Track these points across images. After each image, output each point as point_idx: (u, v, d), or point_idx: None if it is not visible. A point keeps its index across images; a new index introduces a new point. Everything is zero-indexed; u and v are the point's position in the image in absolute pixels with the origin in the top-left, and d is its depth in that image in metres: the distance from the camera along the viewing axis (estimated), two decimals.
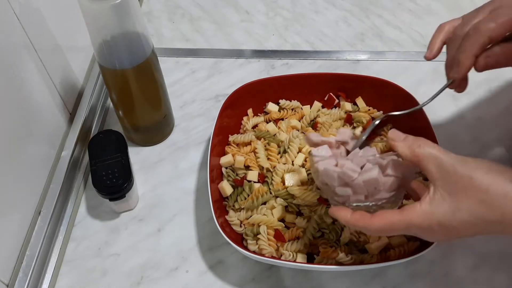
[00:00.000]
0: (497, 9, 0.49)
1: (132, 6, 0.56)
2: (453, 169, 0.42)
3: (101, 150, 0.63)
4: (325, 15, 0.91)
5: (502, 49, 0.49)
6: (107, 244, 0.63)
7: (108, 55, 0.59)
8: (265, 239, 0.57)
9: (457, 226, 0.41)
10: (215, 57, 0.84)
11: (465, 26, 0.50)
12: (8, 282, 0.56)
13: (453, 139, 0.71)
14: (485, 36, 0.48)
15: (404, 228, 0.44)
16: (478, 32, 0.48)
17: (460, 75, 0.50)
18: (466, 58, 0.49)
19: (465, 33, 0.49)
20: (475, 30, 0.48)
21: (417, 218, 0.42)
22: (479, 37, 0.48)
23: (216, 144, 0.65)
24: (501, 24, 0.47)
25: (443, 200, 0.42)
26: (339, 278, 0.59)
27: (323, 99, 0.72)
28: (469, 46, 0.48)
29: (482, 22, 0.48)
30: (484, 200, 0.40)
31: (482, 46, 0.48)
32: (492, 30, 0.47)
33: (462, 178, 0.41)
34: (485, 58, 0.49)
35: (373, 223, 0.44)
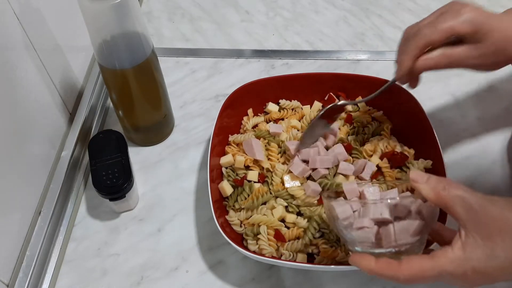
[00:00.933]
0: (442, 15, 0.51)
1: (132, 6, 0.56)
2: (483, 210, 0.40)
3: (101, 150, 0.63)
4: (325, 15, 0.91)
5: (441, 52, 0.51)
6: (107, 244, 0.63)
7: (108, 55, 0.59)
8: (265, 239, 0.57)
9: (493, 272, 0.39)
10: (215, 57, 0.84)
11: (412, 26, 0.53)
12: (8, 282, 0.56)
13: (453, 139, 0.71)
14: (424, 39, 0.51)
15: (435, 276, 0.41)
16: (418, 35, 0.51)
17: (399, 75, 0.54)
18: (406, 59, 0.52)
19: (408, 34, 0.53)
20: (416, 33, 0.51)
21: (450, 265, 0.40)
22: (418, 40, 0.51)
23: (216, 144, 0.65)
24: (440, 30, 0.50)
25: (476, 245, 0.39)
26: (339, 278, 0.59)
27: (323, 99, 0.72)
28: (408, 48, 0.52)
29: (424, 26, 0.51)
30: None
31: (421, 49, 0.51)
32: (430, 35, 0.50)
33: (495, 219, 0.39)
34: (424, 60, 0.52)
35: (402, 271, 0.41)
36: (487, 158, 0.69)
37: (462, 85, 0.78)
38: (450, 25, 0.50)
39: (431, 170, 0.62)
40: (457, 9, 0.51)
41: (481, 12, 0.51)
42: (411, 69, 0.53)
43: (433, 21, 0.51)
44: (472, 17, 0.50)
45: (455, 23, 0.50)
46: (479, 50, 0.51)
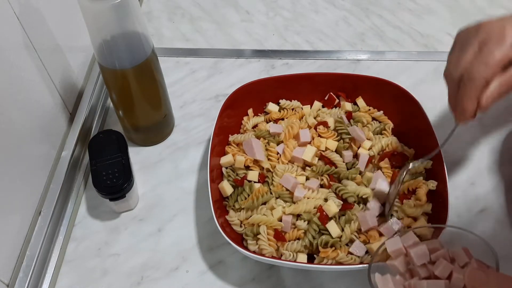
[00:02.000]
0: (485, 45, 0.48)
1: (132, 6, 0.56)
2: None
3: (101, 150, 0.63)
4: (325, 15, 0.91)
5: (498, 83, 0.48)
6: (107, 244, 0.63)
7: (108, 55, 0.59)
8: (265, 239, 0.57)
9: None
10: (215, 57, 0.84)
11: (458, 65, 0.50)
12: (8, 282, 0.56)
13: (453, 139, 0.71)
14: (481, 81, 0.48)
15: None
16: (473, 78, 0.48)
17: (468, 119, 0.51)
18: (470, 104, 0.49)
19: (460, 75, 0.49)
20: (470, 75, 0.48)
21: None
22: (475, 83, 0.48)
23: (216, 144, 0.65)
24: (492, 66, 0.47)
25: None
26: (339, 278, 0.59)
27: (323, 99, 0.72)
28: (468, 92, 0.49)
29: (474, 66, 0.48)
30: None
31: (481, 89, 0.48)
32: (486, 74, 0.48)
33: None
34: (487, 99, 0.49)
35: None
36: (487, 158, 0.69)
37: None
38: (502, 56, 0.47)
39: (432, 171, 0.62)
40: (498, 33, 0.48)
41: None
42: (475, 111, 0.50)
43: (480, 55, 0.48)
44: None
45: (506, 52, 0.47)
46: None
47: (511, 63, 0.48)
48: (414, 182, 0.61)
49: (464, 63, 0.49)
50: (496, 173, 0.68)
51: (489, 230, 0.50)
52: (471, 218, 0.63)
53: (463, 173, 0.67)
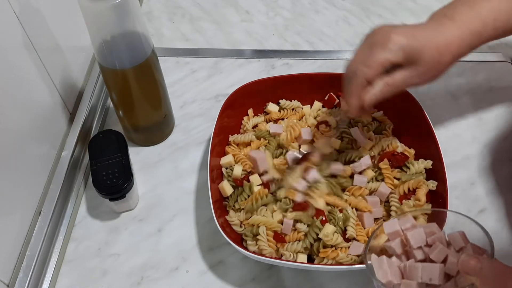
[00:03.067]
0: (371, 48, 0.52)
1: (132, 6, 0.56)
2: None
3: (101, 150, 0.63)
4: (325, 15, 0.91)
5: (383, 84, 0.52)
6: (107, 244, 0.63)
7: (108, 55, 0.59)
8: (265, 240, 0.57)
9: None
10: (215, 57, 0.84)
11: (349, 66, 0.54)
12: (9, 282, 0.56)
13: (453, 139, 0.71)
14: (362, 79, 0.52)
15: None
16: (355, 76, 0.53)
17: (354, 115, 0.57)
18: (353, 100, 0.54)
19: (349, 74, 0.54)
20: (353, 74, 0.53)
21: None
22: (357, 81, 0.52)
23: (216, 144, 0.65)
24: (373, 68, 0.51)
25: None
26: (339, 278, 0.59)
27: (323, 99, 0.72)
28: (351, 89, 0.53)
29: (359, 65, 0.52)
30: None
31: (362, 87, 0.53)
32: (366, 74, 0.52)
33: None
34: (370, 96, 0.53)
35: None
36: (487, 158, 0.69)
37: (462, 85, 0.78)
38: (384, 58, 0.51)
39: (432, 171, 0.62)
40: (386, 38, 0.51)
41: (408, 34, 0.52)
42: (361, 106, 0.54)
43: (366, 56, 0.52)
44: (402, 44, 0.51)
45: (388, 55, 0.51)
46: (417, 71, 0.52)
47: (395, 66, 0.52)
48: (414, 182, 0.61)
49: (353, 63, 0.54)
50: (496, 173, 0.67)
51: (489, 230, 0.50)
52: None
53: (463, 173, 0.67)
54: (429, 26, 0.54)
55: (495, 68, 0.80)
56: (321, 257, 0.56)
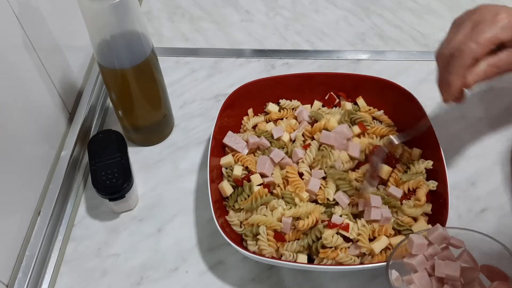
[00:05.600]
0: (477, 25, 0.50)
1: (132, 6, 0.56)
2: None
3: (100, 150, 0.63)
4: (326, 14, 0.91)
5: (487, 64, 0.50)
6: (107, 244, 0.63)
7: (107, 54, 0.59)
8: (265, 240, 0.57)
9: None
10: (215, 56, 0.84)
11: (449, 44, 0.51)
12: (8, 282, 0.56)
13: (453, 139, 0.71)
14: (469, 57, 0.49)
15: None
16: (462, 54, 0.49)
17: (453, 96, 0.52)
18: (456, 80, 0.50)
19: (450, 53, 0.50)
20: (459, 52, 0.50)
21: None
22: (464, 59, 0.49)
23: (216, 144, 0.65)
24: (482, 44, 0.49)
25: None
26: (339, 278, 0.59)
27: (323, 99, 0.72)
28: (456, 68, 0.50)
29: (464, 43, 0.50)
30: None
31: (468, 66, 0.50)
32: (475, 51, 0.49)
33: None
34: (474, 76, 0.50)
35: None
36: (488, 158, 0.69)
37: None
38: (493, 35, 0.49)
39: (432, 171, 0.62)
40: (492, 15, 0.50)
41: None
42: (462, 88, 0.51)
43: (471, 34, 0.50)
44: (509, 22, 0.49)
45: (497, 32, 0.49)
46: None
47: (500, 47, 0.50)
48: (414, 182, 0.61)
49: (456, 41, 0.51)
50: (497, 173, 0.67)
51: (490, 230, 0.50)
52: (472, 219, 0.63)
53: (463, 173, 0.67)
54: None
55: None
56: (321, 257, 0.56)
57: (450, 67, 0.50)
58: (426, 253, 0.51)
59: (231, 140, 0.66)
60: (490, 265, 0.48)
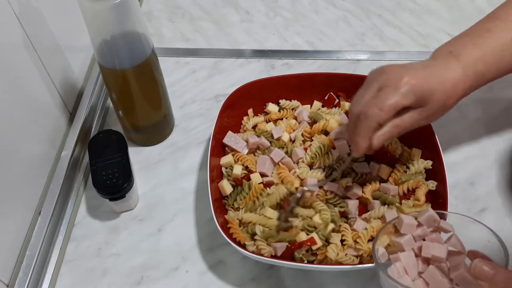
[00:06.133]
0: (382, 89, 0.52)
1: (132, 6, 0.56)
2: None
3: (101, 150, 0.63)
4: (325, 15, 0.91)
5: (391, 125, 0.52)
6: (107, 244, 0.63)
7: (108, 55, 0.59)
8: (263, 239, 0.57)
9: None
10: (215, 57, 0.84)
11: (357, 105, 0.53)
12: (8, 282, 0.57)
13: (453, 139, 0.71)
14: (374, 121, 0.51)
15: None
16: (367, 118, 0.52)
17: (359, 154, 0.55)
18: (362, 141, 0.53)
19: (357, 115, 0.53)
20: (365, 116, 0.52)
21: None
22: (368, 123, 0.52)
23: (216, 144, 0.65)
24: (385, 111, 0.51)
25: None
26: (339, 278, 0.59)
27: (323, 99, 0.72)
28: (362, 130, 0.52)
29: (369, 107, 0.52)
30: None
31: (373, 130, 0.52)
32: (378, 117, 0.51)
33: None
34: (378, 137, 0.52)
35: None
36: (487, 158, 0.69)
37: None
38: (395, 102, 0.51)
39: (431, 171, 0.62)
40: (396, 80, 0.51)
41: (419, 76, 0.52)
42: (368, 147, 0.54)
43: (376, 99, 0.52)
44: (413, 87, 0.51)
45: (399, 99, 0.51)
46: (425, 113, 0.53)
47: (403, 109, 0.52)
48: (414, 182, 0.61)
49: (363, 103, 0.53)
50: (496, 173, 0.68)
51: None
52: None
53: (462, 173, 0.67)
54: (436, 65, 0.54)
55: None
56: (321, 257, 0.57)
57: (357, 129, 0.53)
58: (414, 233, 0.51)
59: (231, 140, 0.66)
60: (477, 251, 0.48)
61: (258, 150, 0.66)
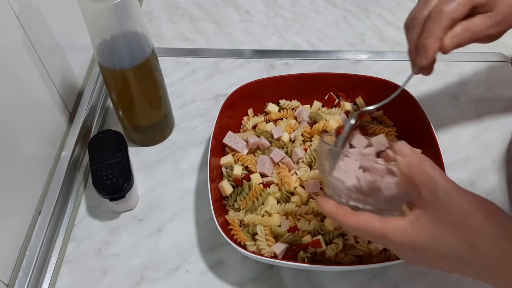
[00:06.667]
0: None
1: (132, 6, 0.56)
2: (447, 199, 0.40)
3: (101, 150, 0.63)
4: (325, 15, 0.91)
5: (462, 28, 0.49)
6: (107, 244, 0.63)
7: (108, 55, 0.59)
8: (263, 239, 0.57)
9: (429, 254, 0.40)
10: (215, 57, 0.84)
11: (424, 9, 0.50)
12: (8, 282, 0.57)
13: (453, 139, 0.71)
14: (449, 18, 0.48)
15: (376, 236, 0.43)
16: (441, 15, 0.48)
17: (429, 60, 0.50)
18: (433, 42, 0.48)
19: (426, 17, 0.49)
20: (438, 13, 0.48)
21: (392, 231, 0.42)
22: (443, 20, 0.48)
23: (216, 144, 0.65)
24: (462, 4, 0.48)
25: (425, 226, 0.40)
26: (339, 278, 0.59)
27: (323, 99, 0.72)
28: (434, 30, 0.48)
29: (443, 4, 0.48)
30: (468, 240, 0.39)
31: (447, 28, 0.48)
32: (454, 12, 0.48)
33: (455, 211, 0.40)
34: (451, 39, 0.49)
35: (351, 219, 0.44)
36: (487, 158, 0.69)
37: (462, 85, 0.78)
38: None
39: None
40: None
41: None
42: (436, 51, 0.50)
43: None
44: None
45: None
46: (492, 19, 0.50)
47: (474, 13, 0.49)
48: None
49: (433, 4, 0.49)
50: (496, 173, 0.68)
51: None
52: None
53: (463, 173, 0.67)
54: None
55: (495, 68, 0.80)
56: (321, 257, 0.57)
57: (426, 30, 0.49)
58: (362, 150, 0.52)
59: (231, 140, 0.66)
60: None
61: (258, 150, 0.66)
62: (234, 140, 0.66)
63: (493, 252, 0.38)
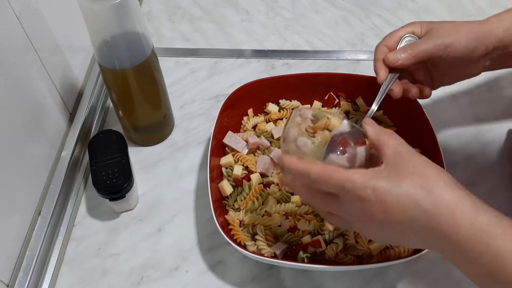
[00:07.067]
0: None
1: (132, 6, 0.56)
2: (408, 156, 0.44)
3: (101, 150, 0.63)
4: (325, 15, 0.91)
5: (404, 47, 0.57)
6: (107, 244, 0.63)
7: (108, 55, 0.59)
8: (263, 239, 0.57)
9: (390, 200, 0.42)
10: (215, 57, 0.84)
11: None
12: (8, 282, 0.57)
13: (453, 139, 0.71)
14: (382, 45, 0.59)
15: (341, 179, 0.43)
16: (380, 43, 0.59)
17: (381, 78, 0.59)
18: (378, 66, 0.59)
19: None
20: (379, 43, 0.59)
21: (356, 175, 0.43)
22: (380, 44, 0.59)
23: (216, 144, 0.65)
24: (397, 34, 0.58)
25: (388, 174, 0.43)
26: (339, 278, 0.59)
27: (323, 99, 0.72)
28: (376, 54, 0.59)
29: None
30: (425, 187, 0.42)
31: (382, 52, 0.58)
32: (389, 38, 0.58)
33: (414, 164, 0.44)
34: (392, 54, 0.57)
35: (314, 168, 0.45)
36: (487, 158, 0.69)
37: (462, 86, 0.78)
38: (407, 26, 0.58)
39: None
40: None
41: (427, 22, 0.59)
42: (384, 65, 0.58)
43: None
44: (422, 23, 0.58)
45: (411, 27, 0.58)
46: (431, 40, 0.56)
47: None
48: None
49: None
50: (496, 173, 0.68)
51: None
52: None
53: (463, 173, 0.67)
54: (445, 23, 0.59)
55: None
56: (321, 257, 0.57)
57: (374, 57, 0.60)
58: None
59: (231, 140, 0.66)
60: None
61: (258, 150, 0.66)
62: (234, 140, 0.66)
63: (447, 193, 0.42)
